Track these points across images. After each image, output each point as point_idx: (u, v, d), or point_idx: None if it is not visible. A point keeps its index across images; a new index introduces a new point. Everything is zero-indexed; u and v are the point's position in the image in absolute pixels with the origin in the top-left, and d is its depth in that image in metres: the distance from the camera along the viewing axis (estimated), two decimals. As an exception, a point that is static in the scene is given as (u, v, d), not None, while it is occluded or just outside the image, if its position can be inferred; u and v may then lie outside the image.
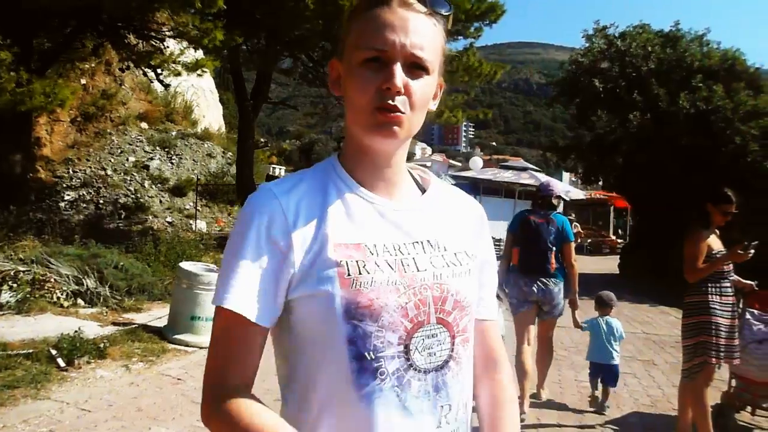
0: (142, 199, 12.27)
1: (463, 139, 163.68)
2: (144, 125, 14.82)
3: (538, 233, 4.39)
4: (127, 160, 13.32)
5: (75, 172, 12.41)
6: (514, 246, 4.57)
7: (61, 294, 6.35)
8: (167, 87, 12.29)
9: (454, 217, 1.00)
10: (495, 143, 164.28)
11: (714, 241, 3.67)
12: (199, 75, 10.56)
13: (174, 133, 15.13)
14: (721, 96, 12.36)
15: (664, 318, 9.02)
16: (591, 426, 4.16)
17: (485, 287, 1.03)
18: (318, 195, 0.90)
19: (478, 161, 23.29)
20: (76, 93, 9.63)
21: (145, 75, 11.77)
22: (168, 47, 10.19)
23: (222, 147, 16.50)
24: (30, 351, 4.63)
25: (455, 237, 0.97)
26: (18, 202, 9.68)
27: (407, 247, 0.90)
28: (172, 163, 14.12)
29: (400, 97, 0.84)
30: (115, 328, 5.77)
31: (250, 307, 0.84)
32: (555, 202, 4.63)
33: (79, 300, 6.44)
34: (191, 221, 12.53)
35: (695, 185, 9.63)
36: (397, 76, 0.83)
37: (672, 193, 12.08)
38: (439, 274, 0.90)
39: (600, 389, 4.53)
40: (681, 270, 3.66)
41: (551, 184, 4.90)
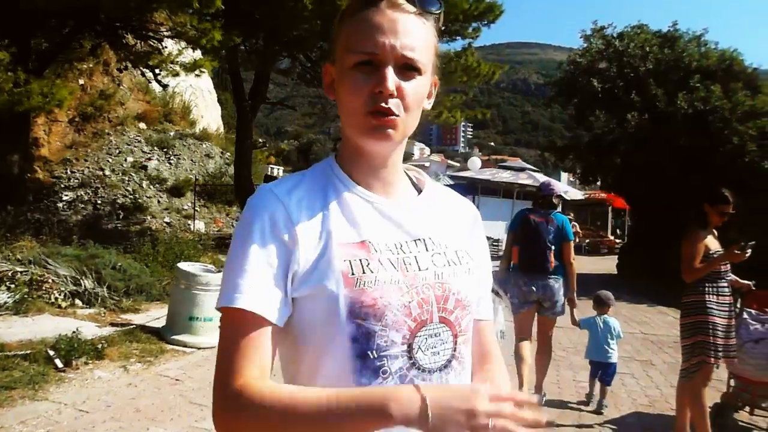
0: (140, 200, 12.27)
1: (462, 140, 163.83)
2: (142, 125, 14.82)
3: (537, 232, 4.44)
4: (125, 160, 13.31)
5: (73, 172, 12.40)
6: (514, 245, 4.63)
7: (59, 294, 6.34)
8: (165, 87, 12.29)
9: (451, 217, 1.00)
10: (493, 143, 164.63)
11: (711, 242, 3.68)
12: (197, 75, 10.55)
13: (172, 134, 15.13)
14: (719, 96, 12.38)
15: (662, 318, 9.03)
16: (589, 426, 4.17)
17: (480, 287, 1.03)
18: (318, 195, 0.90)
19: (476, 161, 23.31)
20: (74, 93, 9.61)
21: (144, 75, 11.78)
22: (166, 47, 10.18)
23: (220, 147, 16.51)
24: (27, 352, 4.62)
25: (454, 236, 0.97)
26: (16, 202, 9.67)
27: (408, 246, 0.90)
28: (170, 164, 14.11)
29: (393, 100, 0.84)
30: (113, 328, 5.76)
31: (264, 306, 0.81)
32: (555, 201, 4.67)
33: (77, 300, 6.43)
34: (189, 221, 12.52)
35: (693, 185, 9.64)
36: (389, 79, 0.83)
37: (670, 193, 12.10)
38: (441, 273, 0.90)
39: (597, 387, 4.56)
40: (679, 270, 3.67)
41: (552, 183, 4.95)
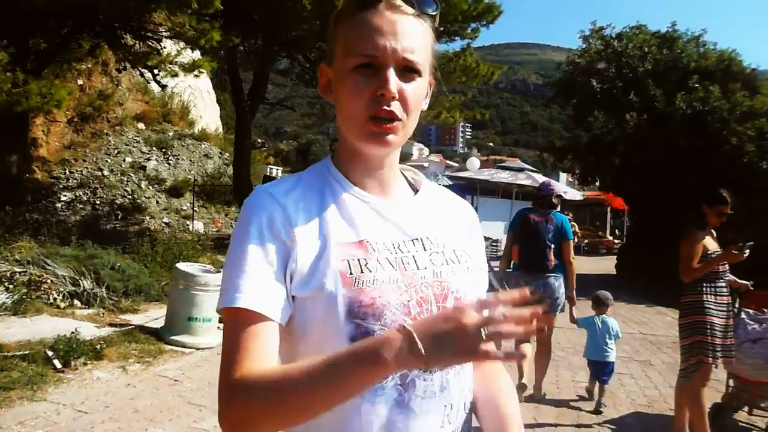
0: (138, 200, 12.25)
1: (460, 140, 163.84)
2: (141, 126, 14.80)
3: (537, 231, 4.51)
4: (124, 160, 13.30)
5: (71, 172, 12.38)
6: (514, 244, 4.70)
7: (58, 295, 6.33)
8: (164, 88, 12.27)
9: (448, 217, 1.00)
10: (492, 144, 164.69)
11: (710, 242, 3.69)
12: (196, 76, 10.54)
13: (171, 134, 15.11)
14: (718, 97, 12.40)
15: (660, 318, 9.04)
16: (588, 426, 4.17)
17: (478, 288, 1.01)
18: (314, 196, 0.89)
19: (475, 162, 23.30)
20: (72, 93, 9.60)
21: (142, 76, 11.77)
22: (165, 48, 10.16)
23: (219, 148, 16.50)
24: (26, 352, 4.61)
25: (451, 235, 0.96)
26: (14, 202, 9.65)
27: (406, 245, 0.90)
28: (169, 164, 14.09)
29: (394, 102, 0.84)
30: (112, 329, 5.75)
31: (266, 304, 0.81)
32: (555, 201, 4.75)
33: (76, 301, 6.42)
34: (188, 222, 12.51)
35: (691, 186, 9.66)
36: (392, 81, 0.82)
37: (668, 194, 12.11)
38: (439, 272, 0.90)
39: (597, 386, 4.59)
40: (677, 270, 3.69)
41: (552, 183, 5.04)
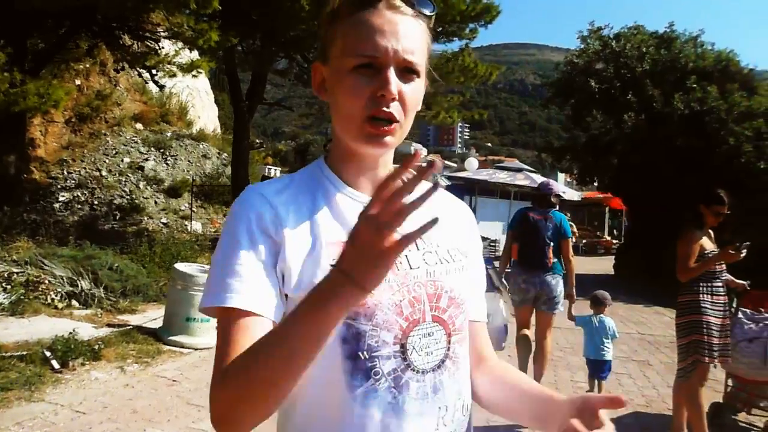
0: (137, 200, 12.23)
1: (459, 140, 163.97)
2: (139, 126, 14.78)
3: (536, 229, 4.58)
4: (122, 161, 13.28)
5: (69, 173, 12.36)
6: (513, 242, 4.76)
7: (56, 295, 6.33)
8: (162, 88, 12.24)
9: (443, 216, 0.96)
10: (490, 144, 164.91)
11: (707, 242, 3.70)
12: (194, 76, 10.53)
13: (169, 134, 15.09)
14: (715, 97, 12.43)
15: (658, 318, 9.05)
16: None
17: (474, 287, 1.01)
18: (306, 197, 0.89)
19: (473, 162, 23.26)
20: (70, 94, 9.59)
21: (140, 76, 11.76)
22: (163, 48, 10.15)
23: (217, 148, 16.47)
24: (24, 353, 4.60)
25: (446, 235, 0.95)
26: (12, 203, 9.65)
27: None
28: (167, 164, 14.07)
29: (394, 104, 0.83)
30: (110, 329, 5.75)
31: (257, 303, 0.78)
32: (554, 200, 4.81)
33: (74, 301, 6.42)
34: (186, 222, 12.49)
35: (689, 186, 9.69)
36: (392, 83, 0.81)
37: (666, 194, 12.14)
38: (432, 271, 0.89)
39: (596, 385, 4.66)
40: (675, 270, 3.70)
41: (550, 183, 5.10)
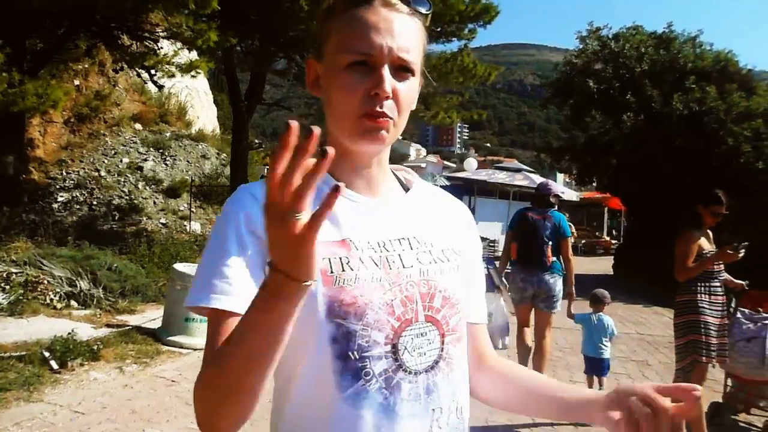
0: (135, 201, 12.22)
1: (458, 141, 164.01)
2: (138, 126, 14.77)
3: (534, 228, 4.63)
4: (121, 161, 13.27)
5: (68, 173, 12.34)
6: (512, 242, 4.82)
7: (54, 296, 6.32)
8: (161, 88, 12.22)
9: (439, 215, 0.97)
10: (489, 144, 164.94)
11: (705, 242, 3.71)
12: (193, 76, 10.53)
13: (168, 135, 15.08)
14: (714, 97, 12.44)
15: (657, 318, 9.06)
16: (586, 425, 4.18)
17: (473, 288, 1.00)
18: None
19: (472, 162, 23.27)
20: (69, 94, 9.57)
21: (139, 76, 11.74)
22: (162, 48, 10.15)
23: (216, 148, 16.45)
24: (23, 353, 4.60)
25: (441, 234, 0.94)
26: (11, 203, 9.64)
27: (392, 244, 0.87)
28: (166, 165, 14.06)
29: (387, 102, 0.82)
30: (109, 329, 5.75)
31: (241, 304, 0.74)
32: (553, 200, 4.85)
33: (73, 302, 6.41)
34: (185, 223, 12.48)
35: (688, 186, 9.70)
36: (387, 81, 0.81)
37: (665, 194, 12.15)
38: (426, 270, 0.87)
39: (595, 381, 4.71)
40: (673, 270, 3.70)
41: (549, 183, 5.16)
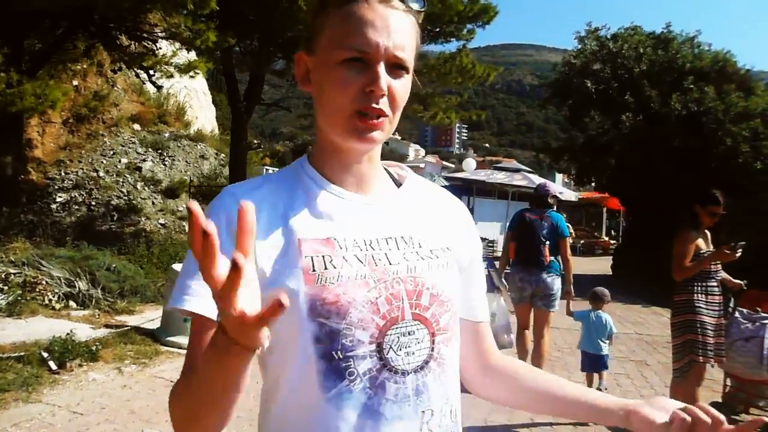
0: (134, 201, 12.21)
1: (457, 141, 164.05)
2: (136, 127, 14.75)
3: (532, 228, 4.70)
4: (120, 161, 13.25)
5: (67, 173, 12.33)
6: (511, 242, 4.88)
7: (53, 296, 6.32)
8: (160, 88, 12.21)
9: (432, 213, 0.95)
10: (488, 145, 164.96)
11: (702, 242, 3.72)
12: (192, 77, 10.52)
13: (167, 135, 15.07)
14: (713, 97, 12.46)
15: (656, 318, 9.07)
16: (585, 425, 4.18)
17: (474, 287, 0.99)
18: (282, 194, 0.86)
19: (471, 163, 23.27)
20: (67, 94, 9.57)
21: (138, 76, 11.72)
22: (160, 49, 10.14)
23: (215, 149, 16.45)
24: (21, 354, 4.59)
25: (432, 233, 0.91)
26: (9, 203, 9.63)
27: (379, 243, 0.85)
28: (164, 165, 14.06)
29: (383, 99, 0.81)
30: (108, 330, 5.74)
31: (212, 307, 0.72)
32: (551, 201, 4.92)
33: (71, 302, 6.41)
34: (184, 223, 12.45)
35: (686, 186, 9.70)
36: (382, 78, 0.80)
37: (664, 194, 12.16)
38: (413, 267, 0.85)
39: (595, 378, 4.75)
40: (671, 270, 3.71)
41: (548, 185, 5.20)
